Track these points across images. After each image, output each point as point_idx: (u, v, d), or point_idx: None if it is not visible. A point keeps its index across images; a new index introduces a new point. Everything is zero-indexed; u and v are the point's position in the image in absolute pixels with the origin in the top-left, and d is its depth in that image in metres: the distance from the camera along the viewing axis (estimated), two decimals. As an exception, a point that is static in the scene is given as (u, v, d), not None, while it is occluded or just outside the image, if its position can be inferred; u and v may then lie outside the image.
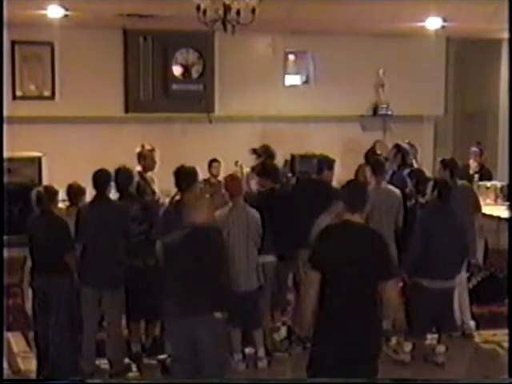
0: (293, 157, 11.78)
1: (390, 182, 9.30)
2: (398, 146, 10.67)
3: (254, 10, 8.83)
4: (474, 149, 11.70)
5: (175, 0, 9.55)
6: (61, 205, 8.12)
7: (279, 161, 10.44)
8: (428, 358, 8.16)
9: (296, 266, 8.54)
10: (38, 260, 7.59)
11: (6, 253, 7.77)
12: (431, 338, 8.32)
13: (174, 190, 8.35)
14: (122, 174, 8.02)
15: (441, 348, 8.15)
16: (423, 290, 7.90)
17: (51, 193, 7.56)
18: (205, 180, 10.06)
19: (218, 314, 6.33)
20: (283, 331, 8.49)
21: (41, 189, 7.65)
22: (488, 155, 12.12)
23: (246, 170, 10.37)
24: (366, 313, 5.68)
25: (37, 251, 7.58)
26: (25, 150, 10.43)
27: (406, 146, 10.87)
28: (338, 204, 6.33)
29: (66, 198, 8.02)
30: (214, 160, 10.94)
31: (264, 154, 9.95)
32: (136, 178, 8.47)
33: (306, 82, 13.76)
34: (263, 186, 8.54)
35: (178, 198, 7.95)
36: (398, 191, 8.91)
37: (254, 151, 10.17)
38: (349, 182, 6.21)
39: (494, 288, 9.64)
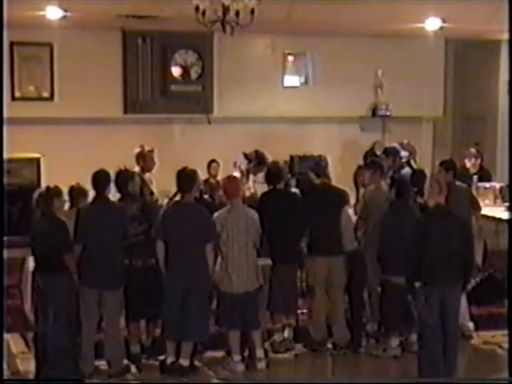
0: (292, 158, 11.79)
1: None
2: (385, 150, 10.79)
3: (252, 11, 8.85)
4: (470, 150, 11.66)
5: (174, 1, 9.55)
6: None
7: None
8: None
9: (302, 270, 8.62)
10: (38, 261, 7.59)
11: (5, 254, 7.77)
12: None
13: (173, 190, 8.36)
14: (122, 175, 8.02)
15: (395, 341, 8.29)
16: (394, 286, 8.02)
17: (53, 193, 7.54)
18: (205, 181, 10.07)
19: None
20: (286, 333, 8.44)
21: (43, 189, 7.64)
22: (487, 156, 12.11)
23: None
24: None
25: (37, 252, 7.58)
26: (24, 151, 10.42)
27: (395, 145, 10.95)
28: None
29: (67, 198, 8.01)
30: (213, 161, 11.08)
31: (255, 159, 10.08)
32: (136, 179, 8.47)
33: (304, 83, 13.75)
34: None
35: (177, 198, 7.96)
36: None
37: (246, 156, 10.29)
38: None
39: (493, 289, 9.64)
